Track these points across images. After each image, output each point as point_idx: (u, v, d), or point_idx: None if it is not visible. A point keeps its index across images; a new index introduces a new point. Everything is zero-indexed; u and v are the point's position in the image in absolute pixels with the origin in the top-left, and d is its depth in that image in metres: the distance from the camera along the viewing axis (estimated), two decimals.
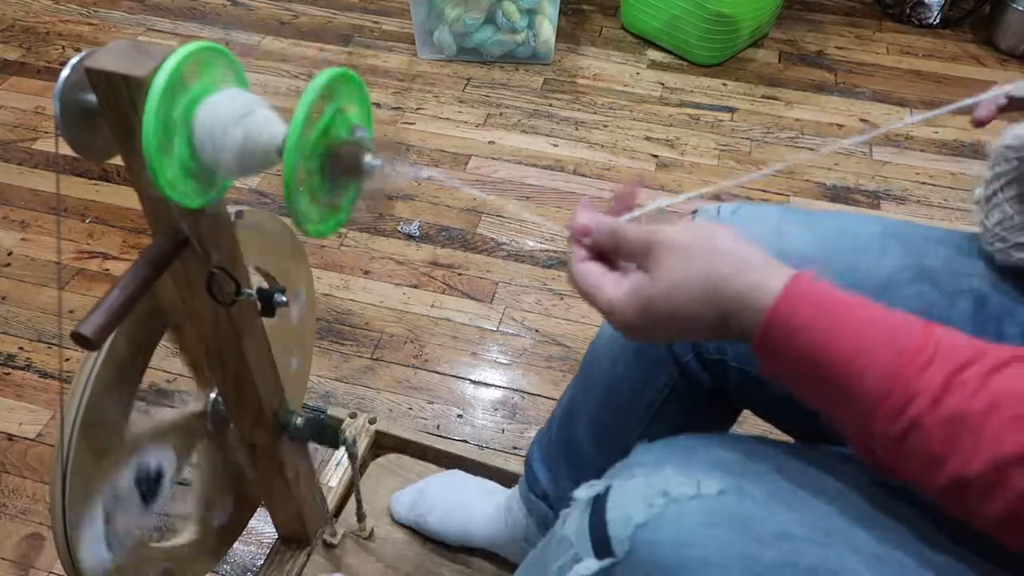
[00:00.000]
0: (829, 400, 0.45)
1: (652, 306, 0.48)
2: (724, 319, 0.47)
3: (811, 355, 0.44)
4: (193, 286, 0.60)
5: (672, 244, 0.47)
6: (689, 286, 0.46)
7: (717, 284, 0.46)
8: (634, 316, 0.48)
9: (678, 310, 0.47)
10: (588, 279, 0.50)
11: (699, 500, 0.49)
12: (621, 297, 0.49)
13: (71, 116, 0.49)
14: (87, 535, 0.63)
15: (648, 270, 0.48)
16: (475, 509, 0.98)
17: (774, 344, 0.45)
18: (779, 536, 0.47)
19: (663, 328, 0.49)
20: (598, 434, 0.81)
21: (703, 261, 0.46)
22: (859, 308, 0.45)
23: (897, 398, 0.42)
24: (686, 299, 0.47)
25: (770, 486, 0.50)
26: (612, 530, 0.50)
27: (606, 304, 0.49)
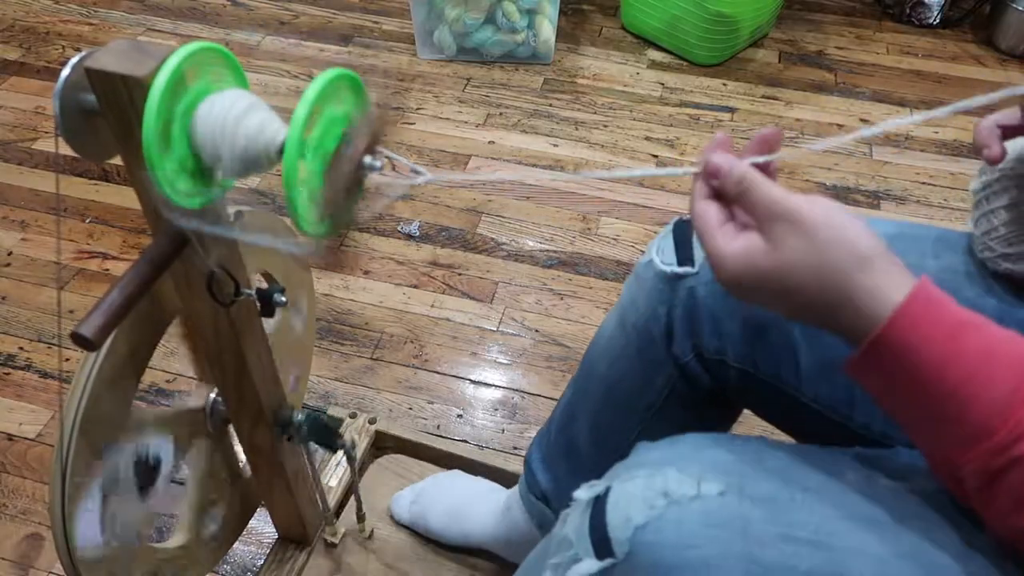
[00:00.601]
0: (925, 420, 0.44)
1: (761, 277, 0.46)
2: (834, 314, 0.45)
3: (920, 375, 0.43)
4: (193, 286, 0.60)
5: (799, 219, 0.45)
6: (805, 271, 0.44)
7: (834, 277, 0.44)
8: (738, 277, 0.47)
9: (786, 289, 0.45)
10: (703, 221, 0.48)
11: (700, 501, 0.49)
12: (731, 254, 0.47)
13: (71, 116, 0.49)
14: (83, 514, 0.62)
15: (767, 237, 0.46)
16: (475, 509, 0.98)
17: (881, 357, 0.44)
18: (780, 538, 0.47)
19: (766, 299, 0.47)
20: (598, 434, 0.81)
21: (825, 248, 0.44)
22: (977, 330, 0.43)
23: (1006, 435, 0.40)
24: (798, 282, 0.45)
25: (772, 487, 0.50)
26: (612, 531, 0.50)
27: (714, 253, 0.47)
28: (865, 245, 0.44)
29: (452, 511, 0.98)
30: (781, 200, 0.46)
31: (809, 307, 0.45)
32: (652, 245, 0.72)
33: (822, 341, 0.62)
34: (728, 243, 0.47)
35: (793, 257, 0.45)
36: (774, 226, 0.45)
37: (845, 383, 0.62)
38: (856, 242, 0.44)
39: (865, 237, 0.45)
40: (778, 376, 0.65)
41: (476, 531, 0.97)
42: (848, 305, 0.44)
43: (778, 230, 0.45)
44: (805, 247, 0.44)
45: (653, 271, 0.70)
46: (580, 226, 1.57)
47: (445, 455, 1.09)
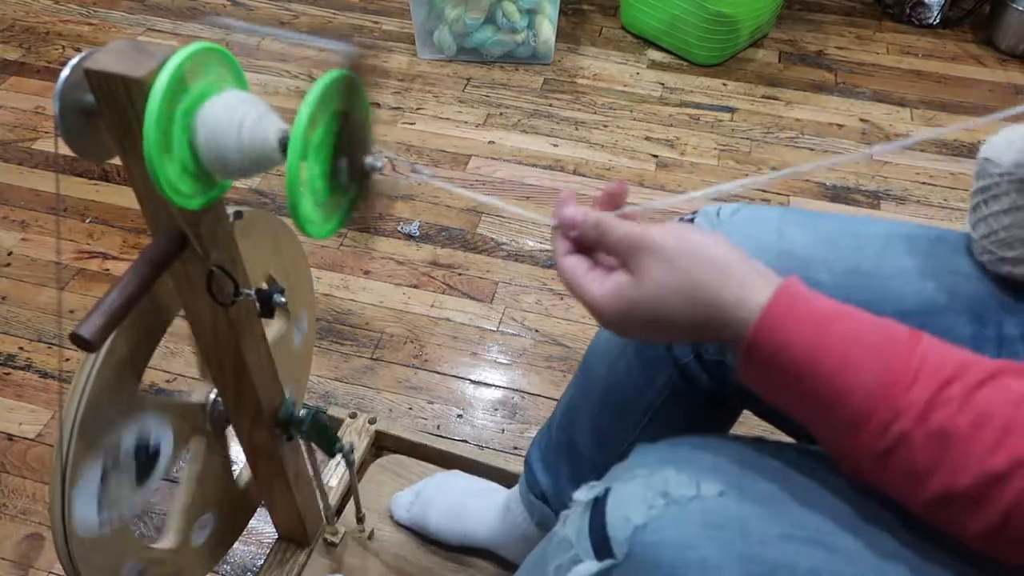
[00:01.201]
0: (812, 414, 0.45)
1: (634, 310, 0.48)
2: (708, 328, 0.47)
3: (796, 371, 0.44)
4: (193, 286, 0.60)
5: (655, 248, 0.47)
6: (671, 293, 0.46)
7: (699, 294, 0.46)
8: (616, 316, 0.48)
9: (661, 316, 0.47)
10: (572, 274, 0.50)
11: (699, 501, 0.49)
12: (603, 295, 0.49)
13: (71, 117, 0.49)
14: (83, 485, 0.62)
15: (631, 272, 0.48)
16: (475, 509, 0.98)
17: (758, 360, 0.45)
18: (780, 538, 0.47)
19: (647, 331, 0.49)
20: (598, 434, 0.81)
21: (686, 269, 0.46)
22: (844, 320, 0.44)
23: (883, 415, 0.42)
24: (668, 306, 0.46)
25: (772, 487, 0.50)
26: (612, 531, 0.50)
27: (589, 301, 0.49)
28: (723, 257, 0.46)
29: (452, 511, 0.98)
30: (637, 233, 0.48)
31: (687, 328, 0.47)
32: None
33: None
34: (599, 287, 0.49)
35: (657, 283, 0.46)
36: (636, 259, 0.47)
37: None
38: (714, 256, 0.46)
39: (722, 249, 0.47)
40: None
41: (476, 531, 0.97)
42: (719, 319, 0.46)
43: (640, 262, 0.47)
44: (667, 272, 0.46)
45: None
46: None
47: (445, 455, 1.09)
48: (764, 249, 0.64)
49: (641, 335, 0.49)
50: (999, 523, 0.40)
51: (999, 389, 0.41)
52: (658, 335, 0.49)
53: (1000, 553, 0.42)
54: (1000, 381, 0.41)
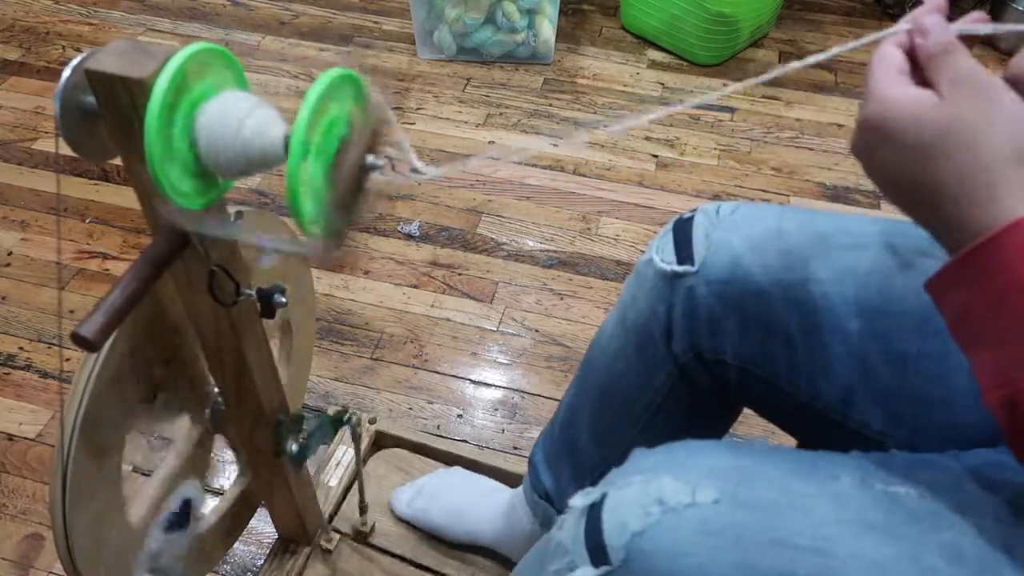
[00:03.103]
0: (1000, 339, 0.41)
1: (911, 126, 0.43)
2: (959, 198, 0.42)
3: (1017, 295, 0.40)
4: (193, 286, 0.60)
5: (988, 92, 0.43)
6: (959, 138, 0.42)
7: (982, 160, 0.41)
8: (892, 120, 0.44)
9: (927, 150, 0.43)
10: (888, 61, 0.46)
11: (695, 508, 0.49)
12: (899, 95, 0.44)
13: (71, 117, 0.49)
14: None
15: (946, 96, 0.43)
16: (478, 507, 0.98)
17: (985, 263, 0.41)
18: (776, 544, 0.47)
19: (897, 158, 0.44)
20: (598, 433, 0.81)
21: (995, 130, 0.42)
22: None
23: None
24: (945, 147, 0.42)
25: (768, 494, 0.50)
26: (608, 538, 0.50)
27: (880, 89, 0.45)
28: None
29: (455, 509, 0.98)
30: (977, 70, 0.44)
31: (931, 184, 0.43)
32: (653, 243, 0.72)
33: (821, 340, 0.62)
34: (901, 87, 0.45)
35: (961, 119, 0.42)
36: (959, 90, 0.43)
37: (844, 382, 0.62)
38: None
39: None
40: (777, 375, 0.65)
41: (479, 529, 0.97)
42: (985, 192, 0.41)
43: (959, 91, 0.43)
44: (979, 115, 0.42)
45: (653, 269, 0.70)
46: (580, 226, 1.57)
47: (445, 455, 1.09)
48: (763, 247, 0.64)
49: (877, 157, 0.45)
50: None
51: None
52: (894, 167, 0.45)
53: None
54: None
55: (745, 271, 0.64)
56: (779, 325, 0.64)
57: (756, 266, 0.64)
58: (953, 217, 0.43)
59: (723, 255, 0.65)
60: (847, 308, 0.61)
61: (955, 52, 0.45)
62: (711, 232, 0.67)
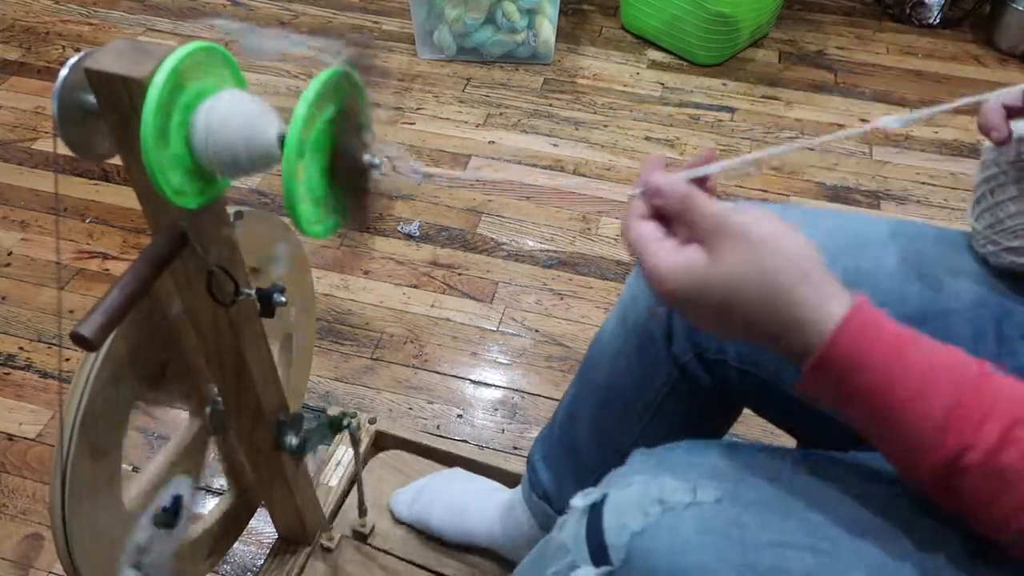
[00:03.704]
0: (877, 433, 0.45)
1: (704, 291, 0.45)
2: (773, 329, 0.45)
3: (867, 391, 0.43)
4: (193, 286, 0.60)
5: (740, 232, 0.44)
6: (747, 284, 0.44)
7: (776, 292, 0.44)
8: (682, 292, 0.46)
9: (732, 305, 0.45)
10: (643, 239, 0.48)
11: (695, 508, 0.49)
12: (674, 267, 0.46)
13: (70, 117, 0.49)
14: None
15: (711, 251, 0.45)
16: (477, 508, 0.98)
17: (827, 375, 0.44)
18: (776, 544, 0.47)
19: (707, 315, 0.47)
20: (599, 434, 0.81)
21: (767, 261, 0.44)
22: (916, 346, 0.44)
23: (951, 448, 0.42)
24: (740, 296, 0.44)
25: (768, 493, 0.50)
26: (609, 538, 0.50)
27: (653, 268, 0.46)
28: (807, 260, 0.44)
29: (454, 509, 0.98)
30: (724, 214, 0.45)
31: (752, 323, 0.45)
32: None
33: None
34: (669, 256, 0.46)
35: (736, 271, 0.44)
36: (718, 240, 0.45)
37: None
38: (799, 257, 0.44)
39: (808, 250, 0.45)
40: (778, 376, 0.65)
41: (478, 530, 0.97)
42: (790, 321, 0.44)
43: (722, 245, 0.45)
44: (747, 261, 0.44)
45: None
46: (580, 226, 1.57)
47: (445, 455, 1.09)
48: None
49: (699, 317, 0.47)
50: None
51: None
52: (716, 323, 0.47)
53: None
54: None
55: None
56: None
57: None
58: (782, 346, 0.45)
59: None
60: None
61: (695, 202, 0.46)
62: None
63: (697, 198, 0.46)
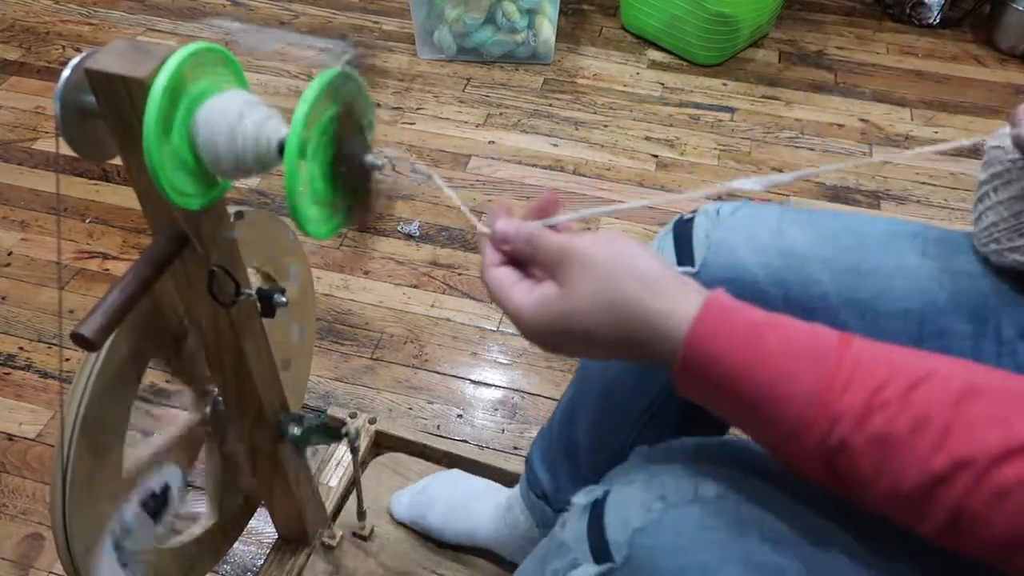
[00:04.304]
0: (753, 423, 0.45)
1: (560, 322, 0.46)
2: (634, 343, 0.45)
3: (731, 382, 0.43)
4: (193, 286, 0.60)
5: (583, 258, 0.46)
6: (597, 306, 0.45)
7: (626, 308, 0.44)
8: (541, 328, 0.47)
9: (586, 329, 0.45)
10: (498, 284, 0.49)
11: (697, 504, 0.49)
12: (529, 306, 0.47)
13: (71, 117, 0.49)
14: (102, 566, 0.63)
15: (560, 283, 0.46)
16: (475, 508, 0.98)
17: (692, 372, 0.44)
18: (778, 540, 0.47)
19: (571, 345, 0.47)
20: (597, 434, 0.81)
21: (613, 279, 0.45)
22: (775, 328, 0.44)
23: (821, 423, 0.41)
24: (594, 319, 0.45)
25: (770, 490, 0.50)
26: (610, 535, 0.50)
27: (514, 312, 0.48)
28: (652, 271, 0.45)
29: (452, 510, 0.98)
30: (567, 244, 0.46)
31: (614, 343, 0.45)
32: (653, 244, 0.72)
33: None
34: (524, 297, 0.47)
35: (586, 296, 0.45)
36: (564, 270, 0.46)
37: None
38: (643, 270, 0.45)
39: (651, 263, 0.45)
40: None
41: (477, 530, 0.97)
42: (648, 332, 0.44)
43: (569, 273, 0.46)
44: (595, 285, 0.45)
45: None
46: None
47: (445, 455, 1.09)
48: (763, 248, 0.64)
49: (566, 350, 0.48)
50: (948, 522, 0.39)
51: (936, 389, 0.40)
52: (583, 350, 0.48)
53: (958, 548, 0.41)
54: (935, 379, 0.40)
55: (745, 271, 0.64)
56: None
57: (756, 266, 0.64)
58: (653, 359, 0.46)
59: (723, 255, 0.65)
60: (847, 308, 0.61)
61: (540, 240, 0.48)
62: (711, 232, 0.67)
63: (541, 235, 0.48)
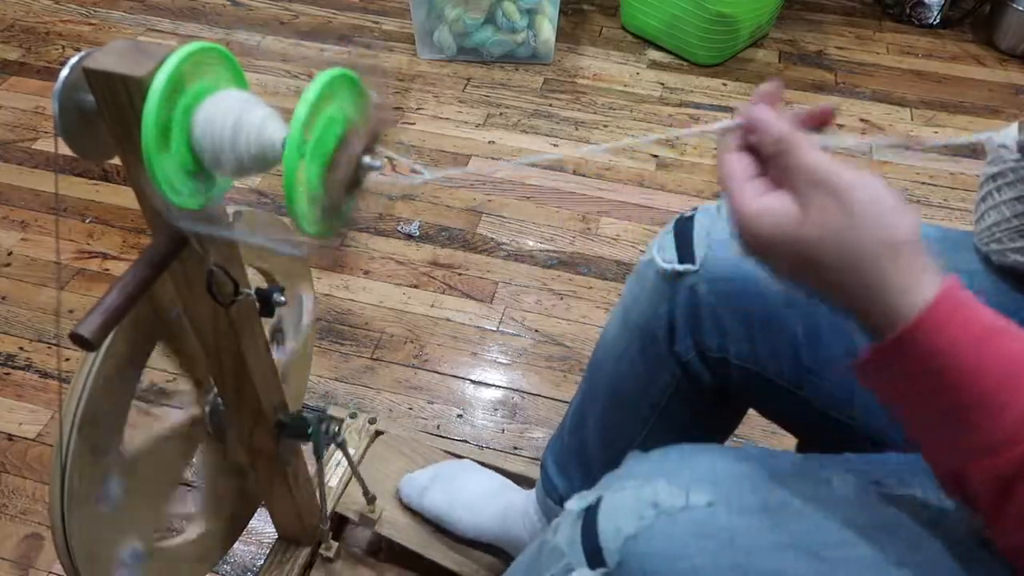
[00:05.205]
0: (945, 426, 0.42)
1: (787, 242, 0.42)
2: (855, 299, 0.42)
3: (944, 380, 0.40)
4: (193, 286, 0.60)
5: (840, 192, 0.41)
6: (837, 247, 0.41)
7: (864, 265, 0.41)
8: (762, 239, 0.43)
9: (814, 263, 0.42)
10: (732, 172, 0.45)
11: (688, 512, 0.49)
12: (758, 211, 0.43)
13: (70, 117, 0.49)
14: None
15: (802, 203, 0.42)
16: (488, 504, 0.97)
17: (903, 356, 0.41)
18: (770, 547, 0.47)
19: (784, 268, 0.44)
20: (606, 435, 0.80)
21: (862, 229, 0.41)
22: (1007, 337, 0.41)
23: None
24: (827, 259, 0.41)
25: (763, 497, 0.50)
26: (603, 541, 0.51)
27: (738, 210, 0.44)
28: (901, 232, 0.41)
29: (467, 504, 0.97)
30: (826, 168, 0.42)
31: (832, 285, 0.42)
32: (653, 243, 0.72)
33: (822, 339, 0.62)
34: (756, 198, 0.43)
35: (827, 233, 0.41)
36: (812, 193, 0.42)
37: (845, 381, 0.62)
38: (894, 229, 0.41)
39: (903, 221, 0.41)
40: (779, 374, 0.65)
41: (489, 527, 0.96)
42: (874, 298, 0.41)
43: (815, 198, 0.41)
44: (841, 225, 0.41)
45: (654, 269, 0.70)
46: (580, 226, 1.57)
47: (445, 455, 1.09)
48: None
49: (774, 267, 0.44)
50: None
51: None
52: (792, 276, 0.44)
53: None
54: None
55: (746, 270, 0.64)
56: (781, 323, 0.64)
57: None
58: (861, 313, 0.42)
59: (725, 254, 0.65)
60: None
61: (795, 147, 0.43)
62: (712, 231, 0.67)
63: (798, 144, 0.43)
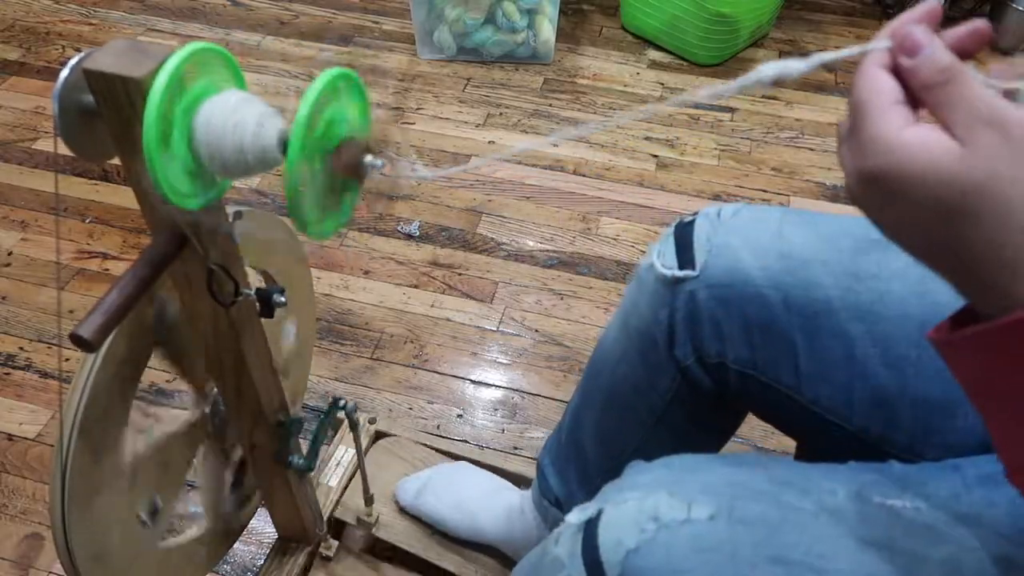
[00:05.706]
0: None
1: (945, 183, 0.34)
2: (998, 262, 0.35)
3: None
4: (192, 286, 0.60)
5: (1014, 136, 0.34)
6: (1007, 198, 0.33)
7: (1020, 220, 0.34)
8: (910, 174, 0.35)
9: (968, 211, 0.34)
10: (877, 92, 0.38)
11: (689, 525, 0.49)
12: (910, 140, 0.35)
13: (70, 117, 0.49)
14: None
15: (964, 140, 0.35)
16: (485, 505, 0.97)
17: (1018, 340, 0.35)
18: (771, 560, 0.47)
19: (918, 217, 0.36)
20: (604, 439, 0.80)
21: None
22: None
23: None
24: (988, 208, 0.34)
25: (763, 509, 0.50)
26: (604, 554, 0.51)
27: (882, 133, 0.36)
28: None
29: (463, 506, 0.97)
30: (1001, 105, 0.35)
31: (974, 243, 0.35)
32: (653, 248, 0.71)
33: (822, 344, 0.62)
34: (909, 130, 0.36)
35: (995, 177, 0.34)
36: (981, 130, 0.34)
37: (844, 385, 0.62)
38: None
39: None
40: (778, 379, 0.65)
41: (485, 528, 0.96)
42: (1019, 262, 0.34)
43: (984, 136, 0.34)
44: (1014, 172, 0.33)
45: (654, 274, 0.70)
46: (580, 226, 1.57)
47: (445, 455, 1.09)
48: (764, 251, 0.64)
49: (896, 217, 0.37)
50: None
51: None
52: (913, 226, 0.37)
53: None
54: None
55: (746, 275, 0.64)
56: (780, 329, 0.64)
57: (757, 269, 0.63)
58: (988, 283, 0.36)
59: (724, 259, 0.65)
60: (848, 312, 0.61)
61: (959, 81, 0.36)
62: (712, 236, 0.67)
63: (968, 78, 0.36)
